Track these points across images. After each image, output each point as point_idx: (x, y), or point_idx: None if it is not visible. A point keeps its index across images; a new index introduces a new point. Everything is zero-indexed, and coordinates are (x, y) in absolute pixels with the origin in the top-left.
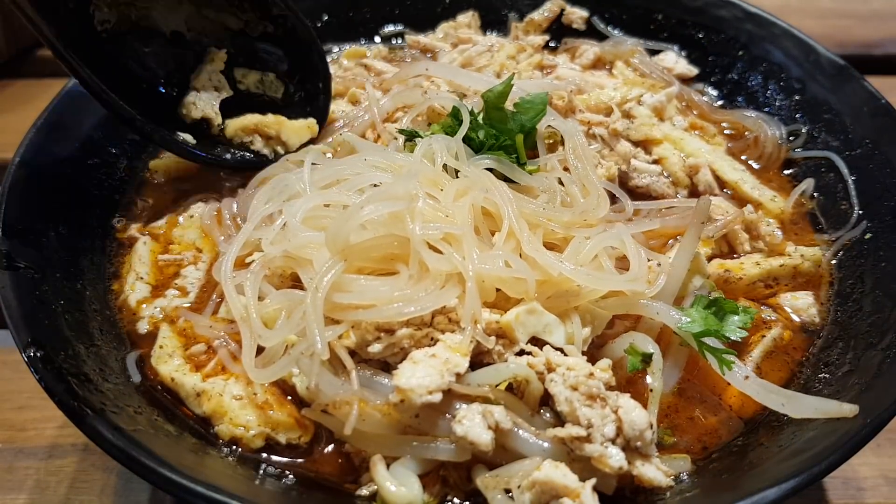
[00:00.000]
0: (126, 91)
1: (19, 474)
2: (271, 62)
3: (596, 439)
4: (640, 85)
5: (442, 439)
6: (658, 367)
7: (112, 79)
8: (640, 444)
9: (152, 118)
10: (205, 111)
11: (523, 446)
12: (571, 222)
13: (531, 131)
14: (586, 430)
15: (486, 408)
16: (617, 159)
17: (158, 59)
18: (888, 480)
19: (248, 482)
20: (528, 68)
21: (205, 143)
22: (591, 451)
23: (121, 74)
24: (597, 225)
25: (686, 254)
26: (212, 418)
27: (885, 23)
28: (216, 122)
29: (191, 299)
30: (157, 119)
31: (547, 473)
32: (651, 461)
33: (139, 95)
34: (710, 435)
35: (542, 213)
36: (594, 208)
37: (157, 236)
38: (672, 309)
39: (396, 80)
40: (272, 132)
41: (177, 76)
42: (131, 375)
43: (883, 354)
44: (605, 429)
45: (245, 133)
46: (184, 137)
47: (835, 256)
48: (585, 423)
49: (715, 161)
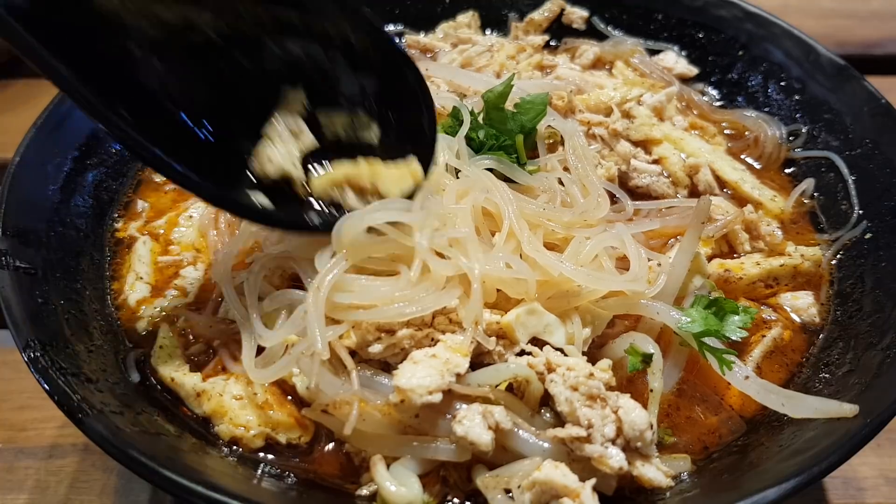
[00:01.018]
0: (182, 148)
1: (19, 474)
2: (358, 97)
3: (596, 440)
4: (640, 85)
5: (442, 439)
6: (658, 368)
7: (165, 136)
8: (641, 444)
9: (217, 178)
10: (284, 167)
11: (523, 446)
12: (572, 223)
13: (531, 132)
14: (586, 430)
15: (487, 408)
16: (617, 159)
17: (217, 103)
18: (888, 480)
19: (248, 482)
20: (528, 68)
21: (286, 205)
22: (591, 452)
23: (174, 127)
24: (597, 225)
25: (686, 254)
26: (212, 418)
27: (885, 22)
28: (298, 178)
29: (190, 300)
30: (223, 179)
31: (547, 473)
32: (651, 461)
33: (197, 152)
34: (710, 435)
35: (543, 214)
36: (594, 208)
37: (157, 236)
38: (672, 309)
39: None
40: (366, 183)
41: (243, 124)
42: (130, 375)
43: (883, 354)
44: (606, 429)
45: (334, 186)
46: (260, 202)
47: (835, 256)
48: (586, 423)
49: (715, 161)
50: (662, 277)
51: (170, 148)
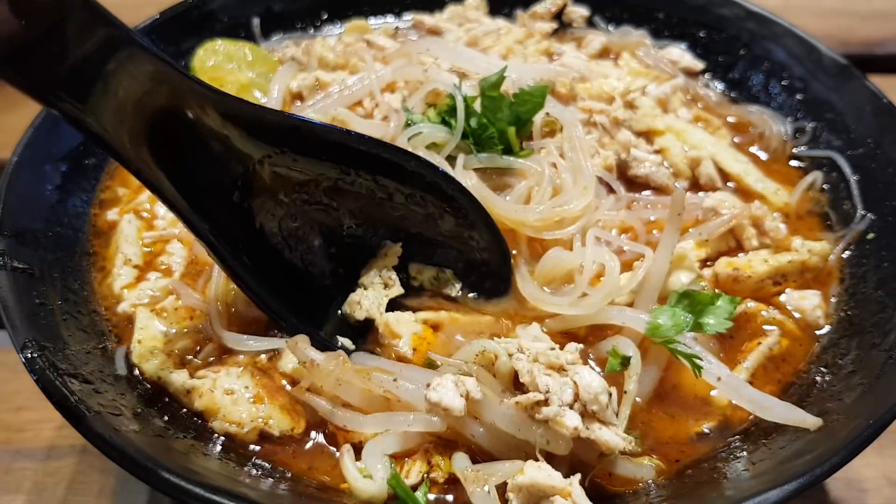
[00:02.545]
0: (281, 288)
1: (17, 476)
2: (450, 257)
3: (553, 402)
4: (645, 76)
5: (418, 412)
6: (636, 372)
7: (271, 279)
8: (597, 408)
9: (305, 316)
10: (369, 311)
11: (491, 415)
12: (545, 220)
13: (526, 123)
14: (544, 395)
15: (459, 378)
16: (617, 148)
17: (322, 253)
18: (890, 482)
19: (245, 482)
20: (536, 54)
21: (364, 346)
22: (547, 413)
23: (281, 270)
24: (581, 217)
25: (666, 249)
26: (204, 414)
27: (887, 22)
28: (380, 322)
29: (176, 278)
30: (310, 316)
31: (531, 476)
32: (609, 427)
33: (296, 293)
34: (710, 434)
35: (513, 217)
36: (578, 196)
37: (140, 213)
38: (641, 313)
39: (399, 55)
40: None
41: (338, 270)
42: (118, 369)
43: (886, 355)
44: (563, 395)
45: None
46: (342, 343)
47: (838, 256)
48: (544, 389)
49: (718, 153)
50: (640, 273)
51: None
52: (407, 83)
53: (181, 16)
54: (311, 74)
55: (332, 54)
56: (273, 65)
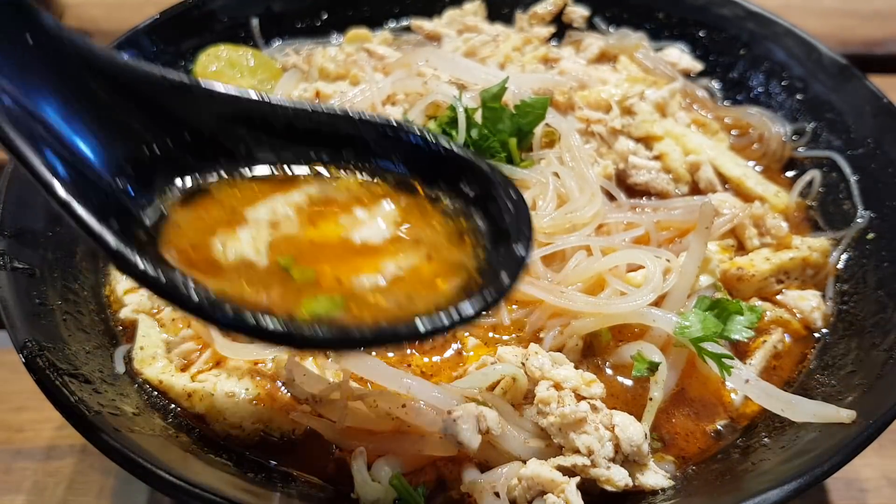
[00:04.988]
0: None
1: (17, 475)
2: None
3: (600, 464)
4: (643, 81)
5: (429, 434)
6: (662, 378)
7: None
8: (638, 456)
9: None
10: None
11: (509, 446)
12: (555, 226)
13: (527, 135)
14: (589, 457)
15: (482, 411)
16: (615, 157)
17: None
18: (890, 482)
19: (245, 483)
20: (533, 61)
21: None
22: (596, 475)
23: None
24: (589, 223)
25: (694, 259)
26: (205, 418)
27: (887, 22)
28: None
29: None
30: None
31: (533, 469)
32: (648, 468)
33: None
34: (710, 435)
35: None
36: (584, 206)
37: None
38: (670, 314)
39: (398, 65)
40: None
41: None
42: (117, 370)
43: (886, 355)
44: (605, 451)
45: None
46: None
47: (838, 257)
48: (586, 451)
49: (717, 157)
50: (674, 276)
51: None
52: (407, 95)
53: (181, 16)
54: (311, 86)
55: (332, 65)
56: (275, 71)
